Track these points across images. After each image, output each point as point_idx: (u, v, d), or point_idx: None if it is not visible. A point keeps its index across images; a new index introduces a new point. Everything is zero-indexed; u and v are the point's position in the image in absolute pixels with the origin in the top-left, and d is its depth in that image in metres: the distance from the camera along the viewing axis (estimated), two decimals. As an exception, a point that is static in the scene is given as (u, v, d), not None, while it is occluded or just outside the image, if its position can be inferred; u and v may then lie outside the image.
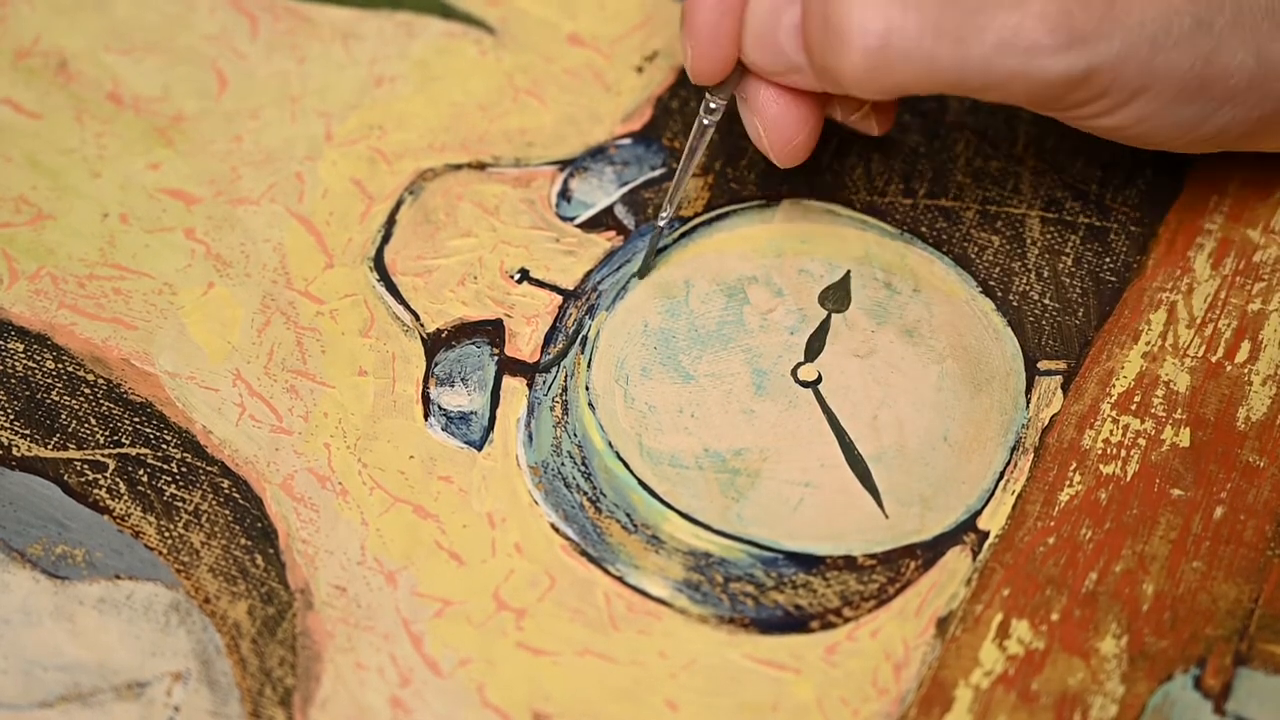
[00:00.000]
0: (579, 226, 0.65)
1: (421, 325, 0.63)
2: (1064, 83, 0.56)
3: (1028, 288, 0.63)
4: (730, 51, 0.59)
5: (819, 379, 0.61)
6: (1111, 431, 0.60)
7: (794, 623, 0.57)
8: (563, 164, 0.66)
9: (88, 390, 0.61)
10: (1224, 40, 0.57)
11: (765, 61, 0.59)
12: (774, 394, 0.61)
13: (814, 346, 0.62)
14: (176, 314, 0.63)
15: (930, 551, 0.58)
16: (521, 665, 0.57)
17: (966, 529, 0.59)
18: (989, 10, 0.55)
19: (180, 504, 0.59)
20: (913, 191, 0.65)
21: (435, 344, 0.62)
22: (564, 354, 0.62)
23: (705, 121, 0.61)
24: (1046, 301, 0.63)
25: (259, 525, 0.59)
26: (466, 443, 0.60)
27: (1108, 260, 0.64)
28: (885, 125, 0.62)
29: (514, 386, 0.61)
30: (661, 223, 0.62)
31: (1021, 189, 0.65)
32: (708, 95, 0.61)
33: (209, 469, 0.60)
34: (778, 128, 0.60)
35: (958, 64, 0.56)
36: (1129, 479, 0.59)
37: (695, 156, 0.62)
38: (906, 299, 0.63)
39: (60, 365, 0.61)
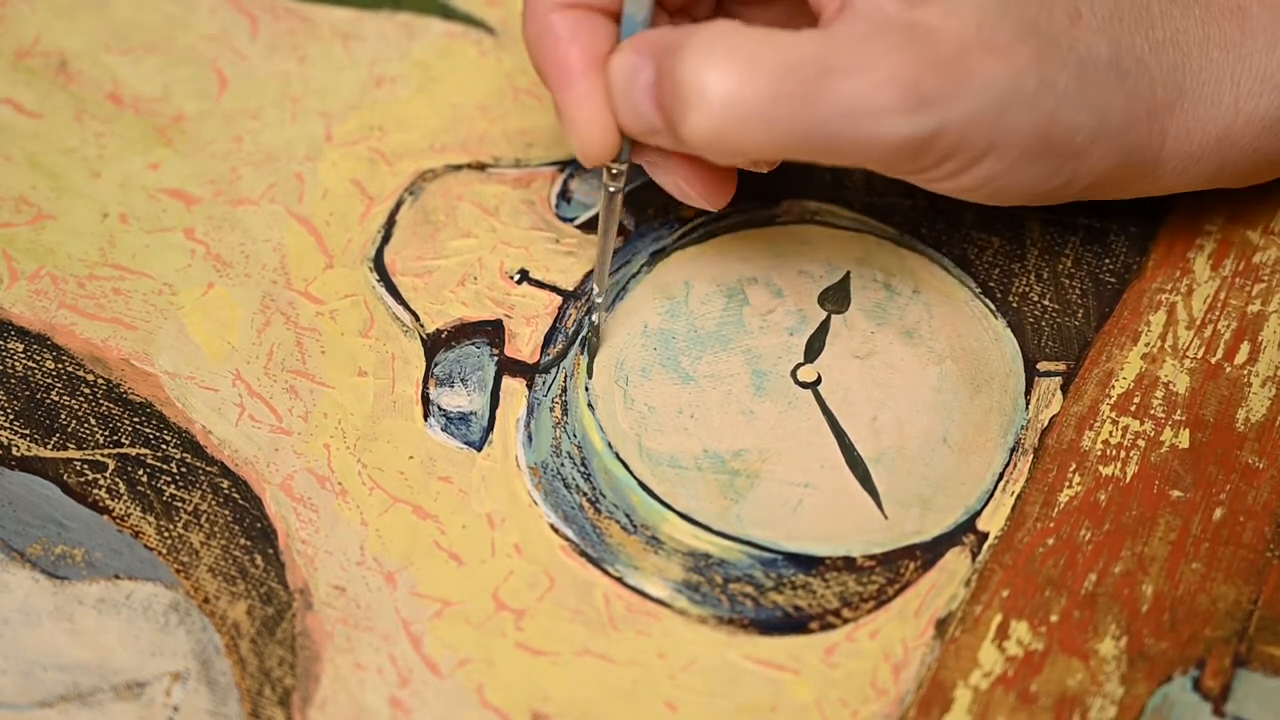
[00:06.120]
0: (579, 227, 0.65)
1: (421, 326, 0.63)
2: (911, 145, 0.55)
3: (1027, 289, 0.63)
4: (613, 127, 0.58)
5: (818, 380, 0.61)
6: (1111, 433, 0.60)
7: (793, 624, 0.57)
8: (563, 165, 0.66)
9: (87, 390, 0.61)
10: (1067, 98, 0.56)
11: (629, 123, 0.57)
12: (773, 395, 0.61)
13: (814, 347, 0.62)
14: (176, 314, 0.63)
15: (929, 552, 0.58)
16: (521, 666, 0.57)
17: (966, 530, 0.59)
18: (835, 74, 0.54)
19: (180, 504, 0.59)
20: (912, 192, 0.65)
21: (435, 344, 0.62)
22: (563, 355, 0.62)
23: (611, 189, 0.59)
24: (1046, 302, 0.63)
25: (258, 525, 0.59)
26: (466, 443, 0.60)
27: (1107, 261, 0.64)
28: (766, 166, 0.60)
29: (513, 387, 0.61)
30: (598, 299, 0.61)
31: (1021, 190, 0.65)
32: (606, 167, 0.59)
33: (209, 469, 0.60)
34: (698, 176, 0.59)
35: (803, 128, 0.54)
36: (1128, 480, 0.59)
37: (611, 229, 0.60)
38: (906, 300, 0.63)
39: (60, 365, 0.61)
